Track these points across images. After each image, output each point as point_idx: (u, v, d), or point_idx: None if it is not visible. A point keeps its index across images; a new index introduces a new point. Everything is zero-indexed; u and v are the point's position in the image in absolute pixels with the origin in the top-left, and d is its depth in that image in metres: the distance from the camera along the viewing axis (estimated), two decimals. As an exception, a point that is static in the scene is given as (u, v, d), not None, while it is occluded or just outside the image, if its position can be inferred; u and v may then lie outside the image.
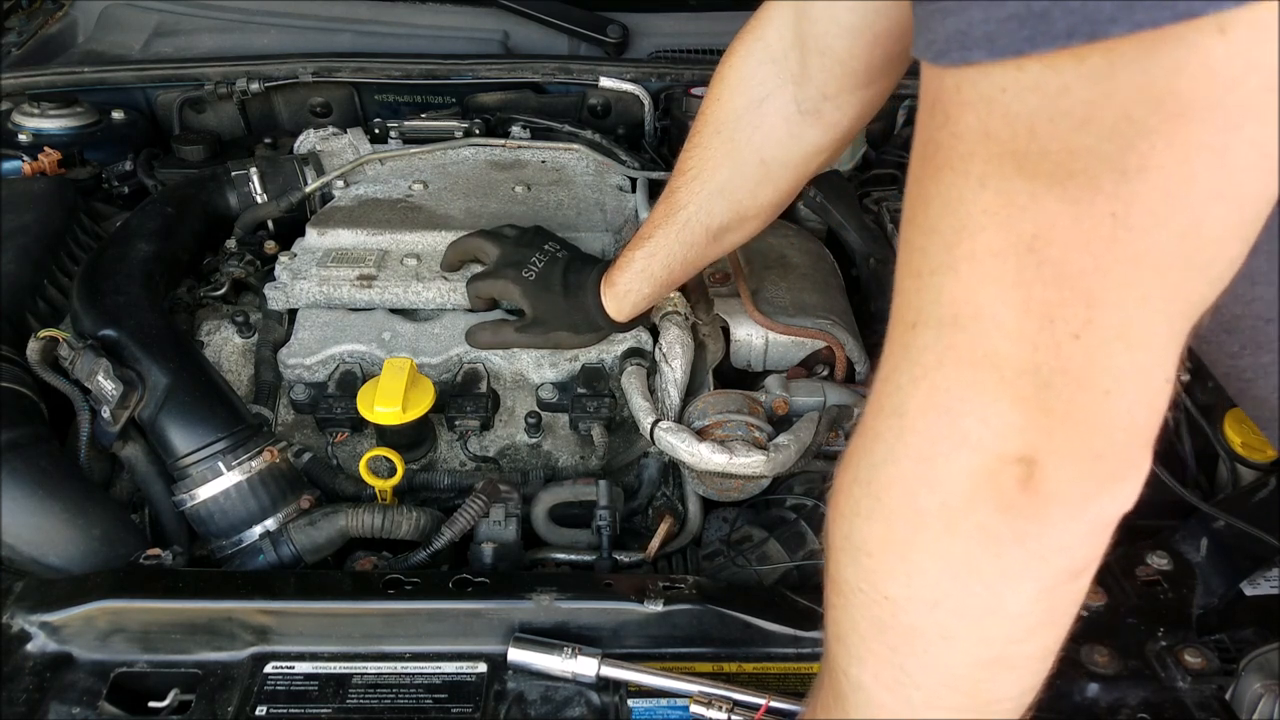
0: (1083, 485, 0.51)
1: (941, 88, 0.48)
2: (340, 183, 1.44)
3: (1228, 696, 0.85)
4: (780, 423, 1.14)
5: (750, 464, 1.05)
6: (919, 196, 0.51)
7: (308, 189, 1.41)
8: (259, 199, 1.41)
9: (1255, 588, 0.96)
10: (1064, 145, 0.44)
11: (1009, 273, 0.47)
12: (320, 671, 0.85)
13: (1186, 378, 1.19)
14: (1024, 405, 0.49)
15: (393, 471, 1.05)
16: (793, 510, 1.09)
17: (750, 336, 1.25)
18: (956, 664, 0.58)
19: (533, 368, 1.21)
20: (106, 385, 1.01)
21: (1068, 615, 0.58)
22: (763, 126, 0.96)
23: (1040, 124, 0.44)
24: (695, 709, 0.82)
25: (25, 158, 1.45)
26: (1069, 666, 0.86)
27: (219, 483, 1.01)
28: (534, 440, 1.21)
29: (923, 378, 0.52)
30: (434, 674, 0.85)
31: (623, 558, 1.06)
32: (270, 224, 1.43)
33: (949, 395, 0.51)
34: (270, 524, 1.01)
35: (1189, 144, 0.42)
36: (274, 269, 1.28)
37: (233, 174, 1.41)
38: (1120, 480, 0.52)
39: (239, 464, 1.02)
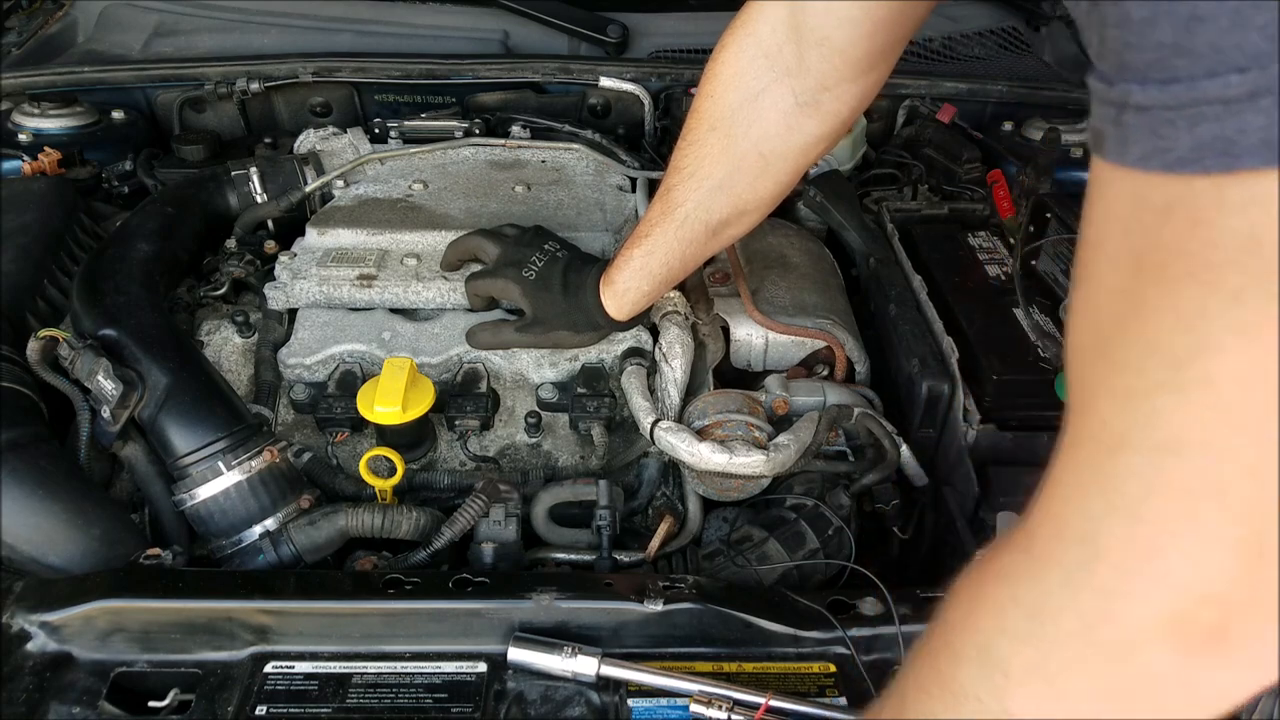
0: (1271, 639, 0.47)
1: (1188, 192, 0.43)
2: (340, 183, 1.44)
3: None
4: (780, 423, 1.14)
5: (750, 464, 1.05)
6: (1134, 310, 0.46)
7: (308, 189, 1.42)
8: (259, 199, 1.41)
9: (1255, 587, 0.96)
10: None
11: (1251, 401, 0.43)
12: (320, 671, 0.85)
13: None
14: (1241, 548, 0.45)
15: (393, 471, 1.05)
16: (793, 510, 1.09)
17: (750, 336, 1.25)
18: None
19: (533, 368, 1.21)
20: (106, 385, 1.01)
21: None
22: (759, 121, 0.96)
23: None
24: (695, 708, 0.82)
25: (25, 158, 1.45)
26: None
27: (219, 482, 1.01)
28: (534, 440, 1.21)
29: (1123, 507, 0.47)
30: (434, 674, 0.85)
31: (623, 558, 1.06)
32: (270, 224, 1.43)
33: (1155, 529, 0.47)
34: (270, 524, 1.01)
35: None
36: (274, 269, 1.28)
37: (233, 174, 1.41)
38: None
39: (239, 464, 1.02)
